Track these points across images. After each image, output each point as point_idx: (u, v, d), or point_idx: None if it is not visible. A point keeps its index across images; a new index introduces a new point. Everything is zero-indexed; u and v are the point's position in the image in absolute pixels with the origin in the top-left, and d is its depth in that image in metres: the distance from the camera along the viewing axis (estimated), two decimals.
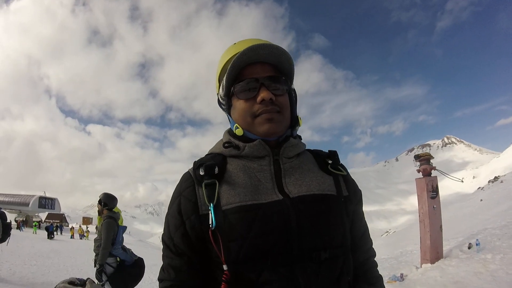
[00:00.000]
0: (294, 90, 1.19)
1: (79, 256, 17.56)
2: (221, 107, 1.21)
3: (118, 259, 4.97)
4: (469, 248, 8.25)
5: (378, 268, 1.27)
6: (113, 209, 5.23)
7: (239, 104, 1.10)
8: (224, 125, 1.26)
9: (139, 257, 5.12)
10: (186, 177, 1.11)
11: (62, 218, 71.47)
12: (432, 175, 9.54)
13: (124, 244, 5.18)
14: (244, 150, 1.10)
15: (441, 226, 8.98)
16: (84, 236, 42.43)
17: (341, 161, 1.20)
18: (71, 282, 6.67)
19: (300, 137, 1.22)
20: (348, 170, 1.22)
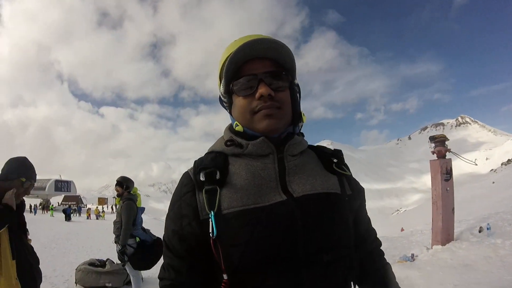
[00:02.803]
0: (297, 85, 1.13)
1: (97, 236, 18.02)
2: (223, 105, 1.19)
3: (138, 239, 5.15)
4: (479, 231, 8.23)
5: (388, 248, 1.26)
6: (131, 191, 5.38)
7: (238, 101, 1.06)
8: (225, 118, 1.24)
9: (157, 237, 5.26)
10: (187, 181, 1.07)
11: (78, 200, 72.95)
12: (446, 157, 9.48)
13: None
14: (247, 149, 1.06)
15: (453, 209, 8.98)
16: (100, 216, 43.38)
17: (355, 139, 1.18)
18: (91, 264, 6.94)
19: (303, 134, 1.18)
20: (361, 148, 1.18)
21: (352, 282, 1.06)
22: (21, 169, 2.65)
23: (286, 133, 1.10)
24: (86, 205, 76.15)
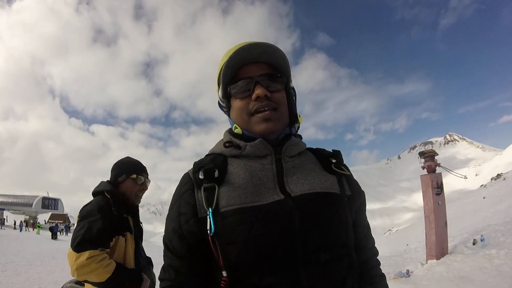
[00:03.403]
0: (293, 88, 1.18)
1: None
2: (222, 110, 1.21)
3: None
4: (473, 244, 8.23)
5: (381, 266, 1.26)
6: None
7: (236, 104, 1.10)
8: (228, 124, 1.24)
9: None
10: (186, 180, 1.09)
11: (65, 218, 71.87)
12: (436, 172, 9.54)
13: None
14: (246, 150, 1.08)
15: (446, 222, 8.98)
16: None
17: (345, 159, 1.17)
18: (78, 282, 6.71)
19: (300, 137, 1.21)
20: (351, 168, 1.19)
21: (352, 283, 1.05)
22: (128, 168, 2.46)
23: (284, 134, 1.13)
24: (74, 224, 74.79)
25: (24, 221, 50.21)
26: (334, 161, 1.15)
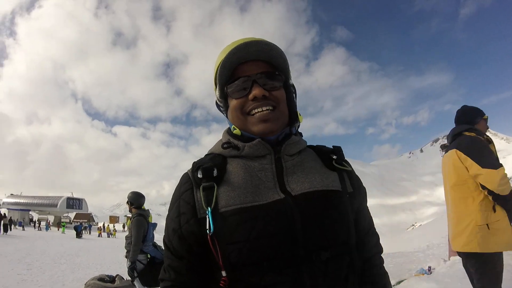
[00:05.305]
0: (293, 85, 1.16)
1: (107, 254, 18.03)
2: (220, 110, 1.20)
3: (149, 256, 5.07)
4: None
5: (404, 263, 1.23)
6: (142, 207, 5.33)
7: (233, 104, 1.09)
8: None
9: None
10: (185, 180, 1.09)
11: (89, 218, 73.69)
12: None
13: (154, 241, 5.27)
14: (244, 150, 1.07)
15: None
16: (111, 234, 43.49)
17: (366, 154, 1.15)
18: (100, 279, 6.82)
19: (301, 134, 1.20)
20: (373, 162, 1.17)
21: (353, 281, 1.05)
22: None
23: (284, 134, 1.11)
24: (98, 223, 76.48)
25: (38, 220, 51.47)
26: (335, 157, 1.14)
